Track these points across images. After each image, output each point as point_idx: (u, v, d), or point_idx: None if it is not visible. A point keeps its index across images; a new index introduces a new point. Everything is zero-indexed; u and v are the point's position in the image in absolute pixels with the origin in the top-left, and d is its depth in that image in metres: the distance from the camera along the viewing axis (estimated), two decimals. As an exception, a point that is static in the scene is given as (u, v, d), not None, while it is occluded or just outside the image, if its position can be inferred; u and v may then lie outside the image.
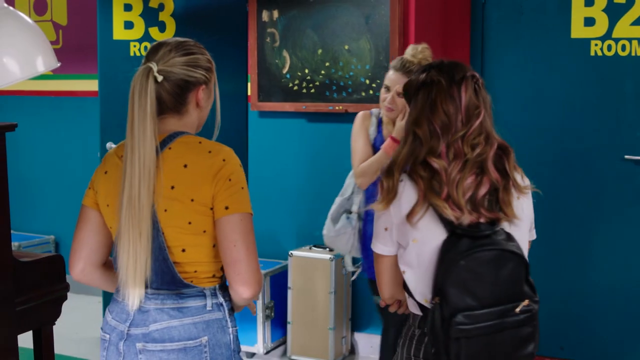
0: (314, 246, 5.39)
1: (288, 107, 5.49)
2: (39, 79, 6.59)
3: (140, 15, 5.56)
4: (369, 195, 3.94)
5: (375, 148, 3.93)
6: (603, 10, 4.99)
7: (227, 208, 2.37)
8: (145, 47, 5.64)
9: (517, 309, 2.40)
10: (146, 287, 2.42)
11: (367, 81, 5.21)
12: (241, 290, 2.41)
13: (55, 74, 6.71)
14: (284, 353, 5.44)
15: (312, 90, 5.37)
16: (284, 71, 5.47)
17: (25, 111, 7.08)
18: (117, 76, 5.37)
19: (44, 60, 2.84)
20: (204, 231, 2.40)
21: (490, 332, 2.37)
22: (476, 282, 2.35)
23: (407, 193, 2.44)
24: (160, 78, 2.39)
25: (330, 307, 5.23)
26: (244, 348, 5.33)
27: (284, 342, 5.48)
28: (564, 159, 5.17)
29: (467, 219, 2.41)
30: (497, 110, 5.07)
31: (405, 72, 3.81)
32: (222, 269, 2.47)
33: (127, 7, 5.57)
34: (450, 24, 5.33)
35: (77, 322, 6.02)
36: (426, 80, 2.49)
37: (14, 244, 6.47)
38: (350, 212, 4.07)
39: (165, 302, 2.43)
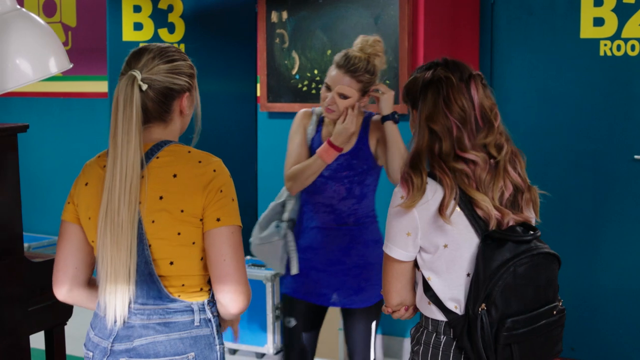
0: (324, 247, 5.38)
1: (297, 107, 5.47)
2: (49, 80, 6.61)
3: (150, 16, 5.58)
4: (304, 202, 3.70)
5: (312, 149, 3.64)
6: (612, 10, 4.99)
7: (218, 220, 2.33)
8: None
9: (555, 311, 2.43)
10: (130, 302, 2.35)
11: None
12: (230, 306, 2.37)
13: (64, 76, 6.73)
14: (294, 353, 5.44)
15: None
16: (293, 72, 5.47)
17: (35, 112, 7.11)
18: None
19: (56, 62, 2.85)
20: (193, 243, 2.35)
21: (534, 335, 2.37)
22: (524, 287, 2.35)
23: (433, 190, 2.40)
24: (144, 87, 2.32)
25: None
26: (254, 348, 5.35)
27: (294, 343, 5.47)
28: (573, 159, 5.16)
29: (506, 219, 2.39)
30: (506, 110, 5.09)
31: (349, 70, 3.46)
32: (209, 282, 2.42)
33: (137, 9, 5.59)
34: (459, 24, 5.33)
35: (88, 323, 6.02)
36: (434, 78, 2.47)
37: (24, 245, 6.48)
38: (281, 220, 3.76)
39: (151, 317, 2.37)
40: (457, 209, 2.38)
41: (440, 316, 2.46)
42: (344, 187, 3.58)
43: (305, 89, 5.45)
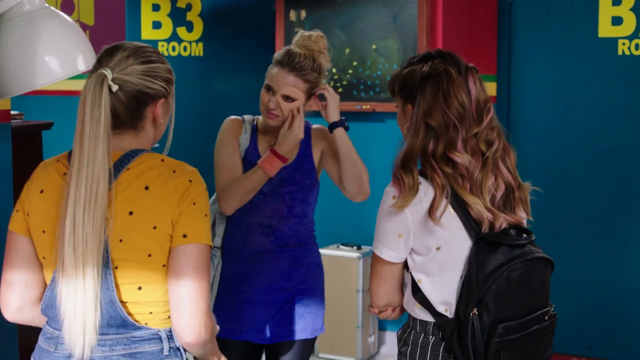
0: (342, 245, 5.41)
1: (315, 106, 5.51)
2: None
3: (168, 15, 5.61)
4: (236, 223, 3.18)
5: (247, 162, 3.15)
6: (631, 10, 4.99)
7: (185, 236, 2.06)
8: (174, 47, 5.69)
9: (546, 316, 2.38)
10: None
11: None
12: (183, 333, 2.09)
13: (85, 74, 6.76)
14: (312, 351, 5.45)
15: (340, 90, 5.39)
16: (312, 70, 5.48)
17: (56, 110, 7.13)
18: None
19: (84, 59, 2.87)
20: (164, 265, 2.08)
21: (525, 341, 2.33)
22: (518, 292, 2.29)
23: (425, 190, 2.34)
24: (115, 87, 2.08)
25: (358, 305, 5.25)
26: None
27: (312, 340, 5.49)
28: (591, 158, 5.16)
29: (498, 222, 2.34)
30: (523, 109, 5.13)
31: (294, 69, 3.08)
32: None
33: (155, 7, 5.61)
34: (478, 23, 5.34)
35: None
36: (432, 71, 2.38)
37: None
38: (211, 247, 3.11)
39: (114, 348, 2.08)
40: (450, 210, 2.33)
41: (428, 317, 2.40)
42: (285, 205, 3.17)
43: (323, 87, 5.46)
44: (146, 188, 2.07)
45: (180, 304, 2.06)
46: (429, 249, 2.34)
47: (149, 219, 2.06)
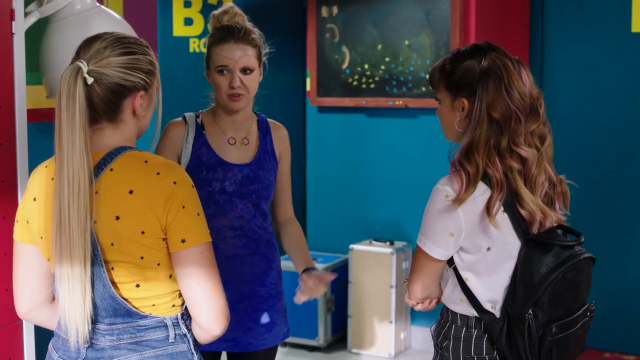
0: (374, 240, 5.42)
1: (347, 102, 5.52)
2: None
3: (200, 11, 5.61)
4: None
5: (202, 164, 2.94)
6: (664, 4, 4.99)
7: (184, 241, 2.07)
8: (205, 44, 5.69)
9: (588, 312, 2.41)
10: (95, 322, 2.11)
11: (428, 76, 5.22)
12: (212, 327, 2.12)
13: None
14: (345, 346, 5.47)
15: (372, 86, 5.40)
16: (344, 66, 5.50)
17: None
18: (177, 72, 5.43)
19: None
20: (158, 264, 2.10)
21: (572, 337, 2.37)
22: (569, 292, 2.33)
23: (482, 188, 2.32)
24: (90, 80, 2.04)
25: (391, 301, 5.26)
26: (305, 341, 5.39)
27: (345, 336, 5.51)
28: (624, 152, 5.16)
29: (548, 220, 2.36)
30: (556, 104, 5.12)
31: (240, 38, 2.91)
32: (180, 295, 2.17)
33: (187, 4, 5.62)
34: (510, 18, 5.34)
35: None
36: (492, 65, 2.36)
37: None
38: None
39: (121, 337, 2.12)
40: (502, 210, 2.33)
41: (470, 312, 2.42)
42: (252, 204, 2.99)
43: (355, 83, 5.48)
44: (130, 192, 2.05)
45: (199, 305, 2.10)
46: (480, 249, 2.35)
47: (135, 224, 2.05)
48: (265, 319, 3.03)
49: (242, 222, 2.97)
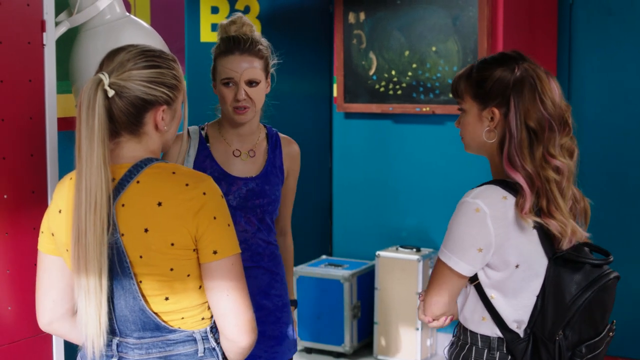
0: (401, 247, 5.41)
1: (374, 108, 5.52)
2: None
3: (227, 17, 5.63)
4: None
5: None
6: (693, 10, 4.95)
7: (215, 252, 2.06)
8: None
9: (611, 331, 2.37)
10: (125, 335, 2.11)
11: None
12: (240, 339, 2.10)
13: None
14: (371, 353, 5.47)
15: (399, 92, 5.39)
16: (371, 73, 5.50)
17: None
18: (205, 78, 5.43)
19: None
20: (188, 275, 2.09)
21: (599, 357, 2.34)
22: (597, 312, 2.29)
23: (511, 203, 2.26)
24: (111, 93, 2.01)
25: (417, 307, 5.23)
26: (331, 347, 5.38)
27: (371, 342, 5.50)
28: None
29: (577, 236, 2.30)
30: (584, 111, 5.09)
31: (246, 50, 2.86)
32: (209, 307, 2.15)
33: (214, 10, 5.63)
34: (538, 24, 5.31)
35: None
36: (525, 74, 2.30)
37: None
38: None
39: (150, 351, 2.11)
40: (531, 226, 2.26)
41: (491, 332, 2.34)
42: (256, 218, 2.93)
43: (382, 89, 5.47)
44: (159, 204, 2.04)
45: (228, 317, 2.10)
46: (508, 265, 2.28)
47: (165, 236, 2.04)
48: (272, 332, 2.98)
49: (246, 235, 2.91)
